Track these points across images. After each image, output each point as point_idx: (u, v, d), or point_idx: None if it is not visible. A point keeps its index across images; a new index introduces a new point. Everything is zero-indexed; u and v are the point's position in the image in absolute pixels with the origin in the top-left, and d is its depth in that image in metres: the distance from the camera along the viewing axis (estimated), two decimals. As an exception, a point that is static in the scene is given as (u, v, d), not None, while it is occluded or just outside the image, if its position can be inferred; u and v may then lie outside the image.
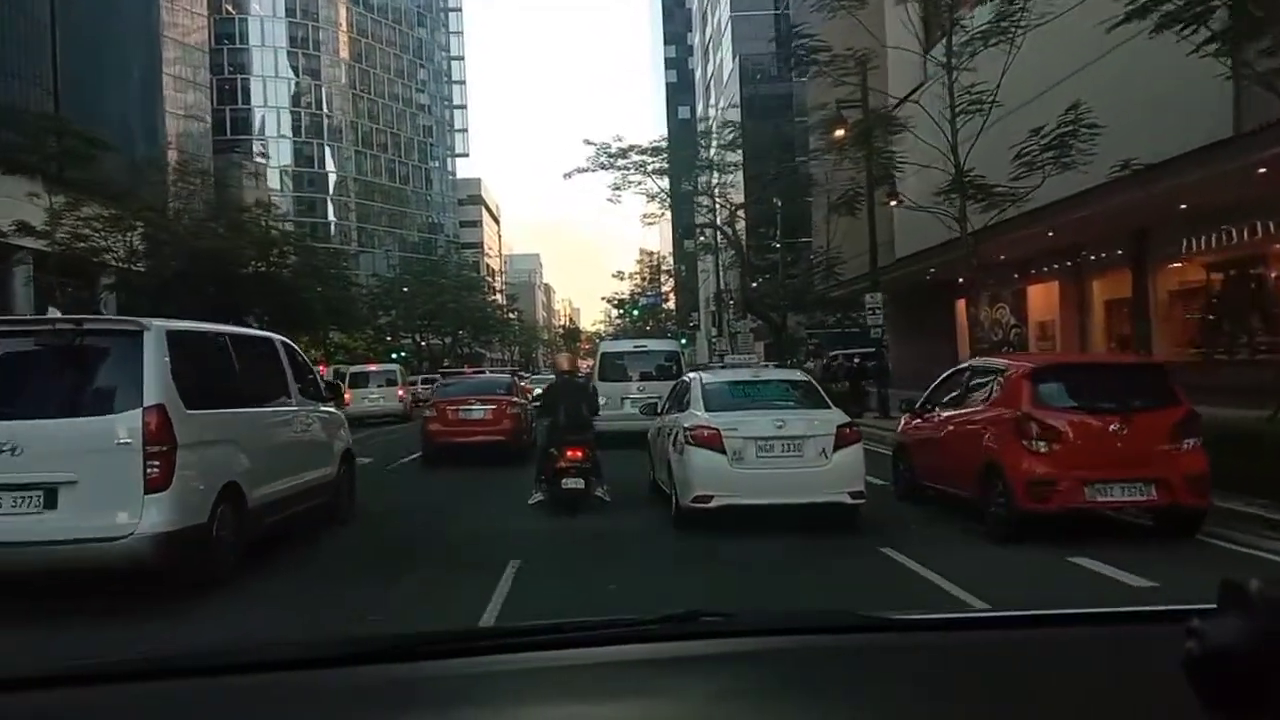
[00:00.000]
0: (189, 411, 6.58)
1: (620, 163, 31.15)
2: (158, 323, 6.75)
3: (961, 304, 33.08)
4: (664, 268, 78.44)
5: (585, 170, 31.42)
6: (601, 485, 10.08)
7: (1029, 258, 24.86)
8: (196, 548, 6.47)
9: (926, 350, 31.84)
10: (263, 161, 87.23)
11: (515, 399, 16.90)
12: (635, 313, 75.98)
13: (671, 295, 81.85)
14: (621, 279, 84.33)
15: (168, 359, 6.52)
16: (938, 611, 1.97)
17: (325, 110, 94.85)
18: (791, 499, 8.43)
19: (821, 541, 8.34)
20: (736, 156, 36.66)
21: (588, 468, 9.80)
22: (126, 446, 6.19)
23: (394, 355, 52.97)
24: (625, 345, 22.35)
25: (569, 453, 9.77)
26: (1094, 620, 1.57)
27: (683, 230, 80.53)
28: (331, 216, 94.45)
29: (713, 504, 8.43)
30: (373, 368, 33.06)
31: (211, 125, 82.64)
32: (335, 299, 39.09)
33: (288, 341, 9.50)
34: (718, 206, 35.69)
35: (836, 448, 8.61)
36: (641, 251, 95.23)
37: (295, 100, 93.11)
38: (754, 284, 35.26)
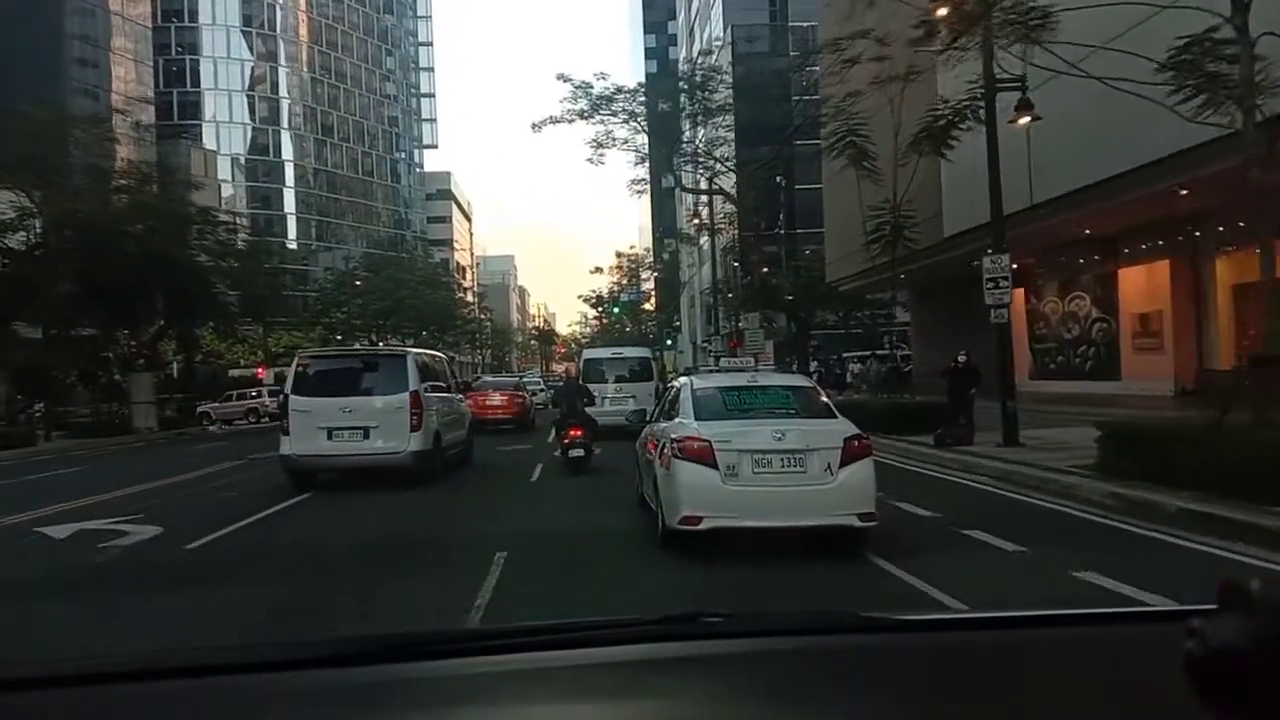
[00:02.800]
0: (425, 393, 13.86)
1: (603, 112, 25.82)
2: (413, 351, 15.51)
3: (1018, 294, 27.99)
4: (645, 262, 73.46)
5: (560, 120, 26.17)
6: (594, 449, 14.94)
7: (1121, 233, 19.41)
8: (427, 461, 13.61)
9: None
10: (212, 149, 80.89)
11: (521, 393, 27.10)
12: (615, 310, 71.05)
13: (653, 295, 76.76)
14: (600, 273, 79.41)
15: (416, 367, 13.93)
16: (937, 612, 1.76)
17: (283, 95, 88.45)
18: (792, 521, 7.64)
19: None
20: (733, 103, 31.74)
21: (585, 442, 14.61)
22: (402, 410, 13.25)
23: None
24: (604, 352, 25.92)
25: (571, 432, 14.73)
26: (1094, 620, 1.56)
27: (664, 230, 75.72)
28: (289, 209, 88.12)
29: (702, 526, 7.69)
30: None
31: (156, 109, 76.32)
32: (260, 293, 33.06)
33: (445, 356, 20.44)
34: (716, 169, 30.44)
35: (843, 463, 7.71)
36: (618, 255, 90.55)
37: (250, 84, 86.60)
38: (764, 270, 30.20)
